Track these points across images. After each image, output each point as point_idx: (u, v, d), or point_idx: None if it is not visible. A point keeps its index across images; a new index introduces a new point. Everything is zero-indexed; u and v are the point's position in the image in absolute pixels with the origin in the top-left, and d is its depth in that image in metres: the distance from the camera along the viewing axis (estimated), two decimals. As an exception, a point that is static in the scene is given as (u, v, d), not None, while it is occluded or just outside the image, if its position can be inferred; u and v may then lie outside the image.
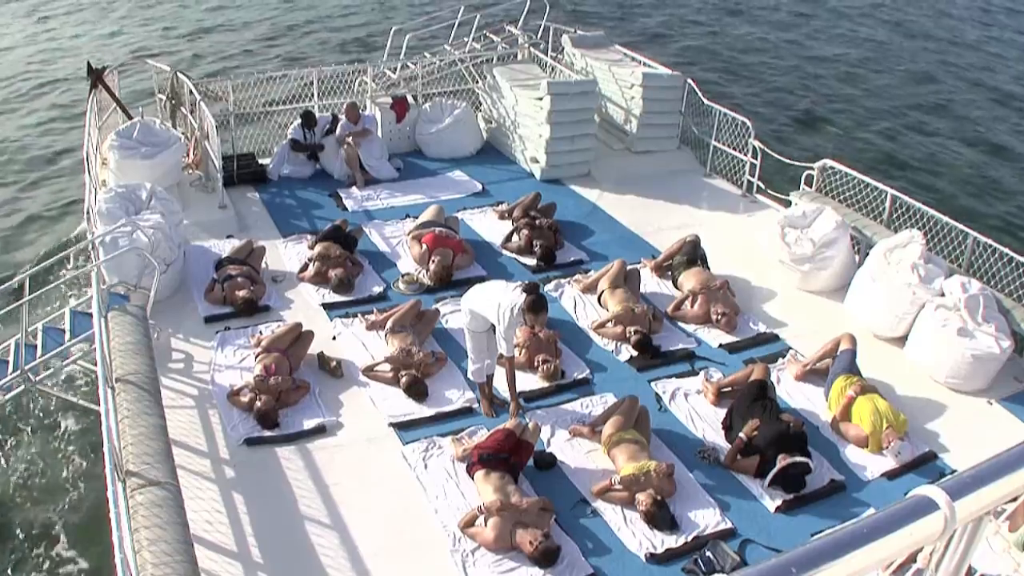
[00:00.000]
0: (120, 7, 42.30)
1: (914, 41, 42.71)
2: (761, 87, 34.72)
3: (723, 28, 43.34)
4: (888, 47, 41.55)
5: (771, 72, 36.73)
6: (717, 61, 37.65)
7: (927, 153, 29.20)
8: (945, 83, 36.55)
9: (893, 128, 31.10)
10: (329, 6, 43.65)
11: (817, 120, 31.72)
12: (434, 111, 19.25)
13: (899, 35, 43.82)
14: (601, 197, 17.53)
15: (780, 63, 38.06)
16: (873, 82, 35.80)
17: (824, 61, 38.42)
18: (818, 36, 42.53)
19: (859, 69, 37.50)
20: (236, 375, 11.63)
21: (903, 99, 34.11)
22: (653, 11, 45.72)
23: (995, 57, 41.11)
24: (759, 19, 45.46)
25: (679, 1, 47.56)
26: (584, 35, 21.10)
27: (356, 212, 16.47)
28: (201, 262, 14.10)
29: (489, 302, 10.70)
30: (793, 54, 39.47)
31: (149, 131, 16.24)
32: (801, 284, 14.67)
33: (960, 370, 12.29)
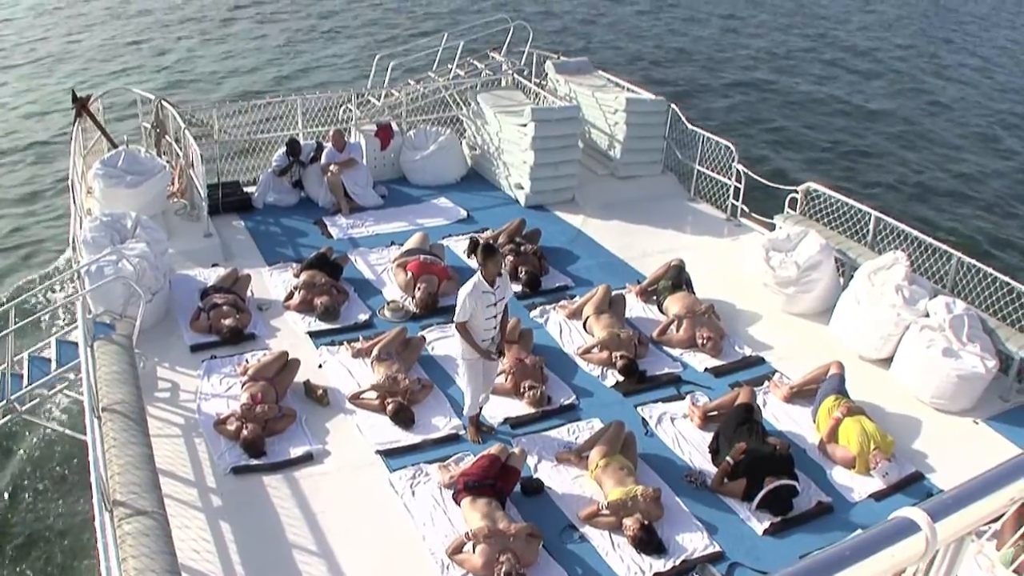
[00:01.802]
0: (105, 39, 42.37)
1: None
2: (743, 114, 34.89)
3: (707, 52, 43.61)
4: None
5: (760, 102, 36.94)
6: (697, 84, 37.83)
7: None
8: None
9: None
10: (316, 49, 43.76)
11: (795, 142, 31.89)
12: (418, 138, 19.30)
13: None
14: (585, 223, 17.58)
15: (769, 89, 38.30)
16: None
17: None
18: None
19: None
20: (222, 404, 11.60)
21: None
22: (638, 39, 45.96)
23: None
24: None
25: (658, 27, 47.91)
26: (567, 61, 21.21)
27: (341, 240, 16.47)
28: (186, 291, 14.08)
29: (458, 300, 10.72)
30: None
31: (134, 160, 16.24)
32: (786, 307, 14.73)
33: (946, 390, 12.35)
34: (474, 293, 10.49)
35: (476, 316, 10.58)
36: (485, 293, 10.53)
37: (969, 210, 27.09)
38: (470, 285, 10.53)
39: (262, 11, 48.77)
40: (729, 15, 53.58)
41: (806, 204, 16.28)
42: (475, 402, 11.26)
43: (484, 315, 10.62)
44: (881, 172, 29.82)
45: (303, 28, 45.28)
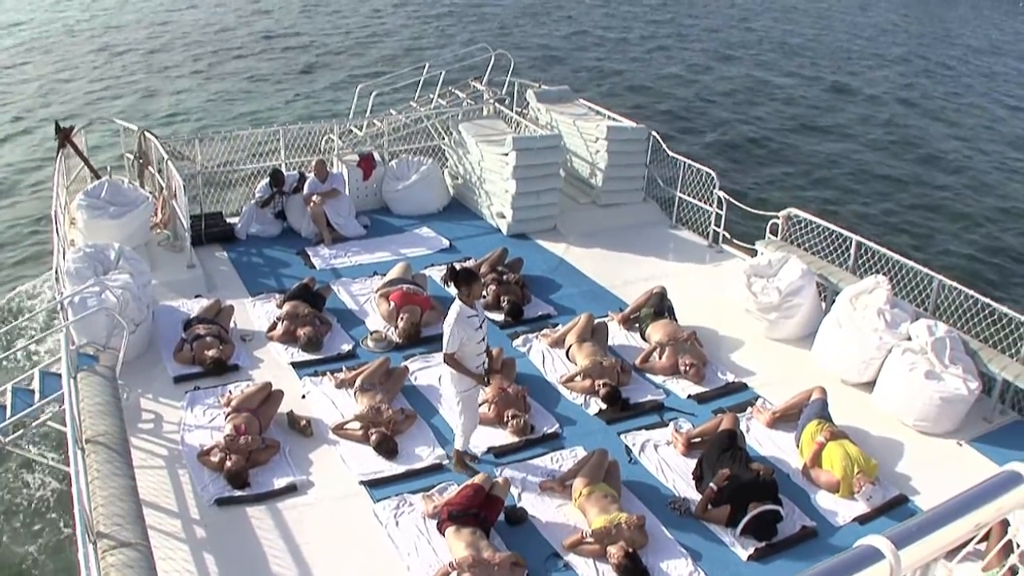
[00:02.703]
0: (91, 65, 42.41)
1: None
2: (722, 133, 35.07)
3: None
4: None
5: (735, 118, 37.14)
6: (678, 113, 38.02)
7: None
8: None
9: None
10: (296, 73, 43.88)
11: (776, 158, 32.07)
12: (400, 168, 19.35)
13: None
14: (568, 251, 17.63)
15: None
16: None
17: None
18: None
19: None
20: (206, 435, 11.57)
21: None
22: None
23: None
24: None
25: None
26: (548, 89, 21.29)
27: (324, 270, 16.48)
28: (170, 322, 14.08)
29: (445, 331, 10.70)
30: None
31: (117, 191, 16.27)
32: (768, 332, 14.78)
33: (929, 412, 12.41)
34: (460, 320, 10.48)
35: (465, 343, 10.56)
36: (470, 318, 10.56)
37: (951, 237, 27.27)
38: (453, 314, 10.52)
39: (244, 42, 48.91)
40: (710, 48, 54.00)
41: (788, 230, 16.37)
42: (469, 437, 11.28)
43: (473, 339, 10.62)
44: (862, 197, 30.01)
45: (286, 59, 45.37)
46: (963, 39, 65.63)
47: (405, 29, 55.16)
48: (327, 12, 59.69)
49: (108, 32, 50.91)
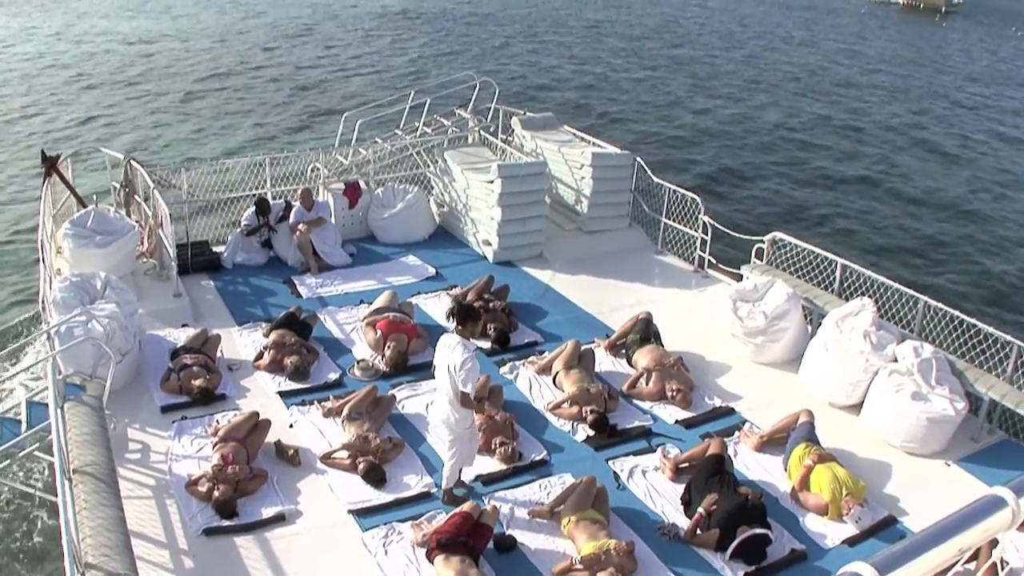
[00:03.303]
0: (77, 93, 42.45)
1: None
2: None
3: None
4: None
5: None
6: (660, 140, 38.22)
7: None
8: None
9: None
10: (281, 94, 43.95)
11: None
12: (386, 196, 19.37)
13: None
14: (554, 278, 17.67)
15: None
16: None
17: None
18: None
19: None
20: (194, 465, 11.54)
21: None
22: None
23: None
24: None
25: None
26: (533, 117, 21.37)
27: (310, 299, 16.47)
28: (156, 351, 14.04)
29: (441, 374, 10.70)
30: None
31: (103, 219, 16.26)
32: (755, 357, 14.83)
33: (916, 434, 12.47)
34: (473, 354, 10.53)
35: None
36: (474, 351, 10.64)
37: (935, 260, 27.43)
38: (466, 349, 10.50)
39: (231, 72, 49.01)
40: (696, 72, 54.30)
41: (773, 254, 16.44)
42: (456, 475, 11.24)
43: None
44: (847, 220, 30.19)
45: (271, 88, 45.47)
46: (957, 67, 66.22)
47: (390, 58, 55.33)
48: (313, 42, 59.88)
49: (91, 63, 50.94)
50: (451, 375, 10.45)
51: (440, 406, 10.95)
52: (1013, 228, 31.44)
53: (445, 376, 10.58)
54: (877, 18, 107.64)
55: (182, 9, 76.58)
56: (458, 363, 10.36)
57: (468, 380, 10.37)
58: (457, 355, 10.42)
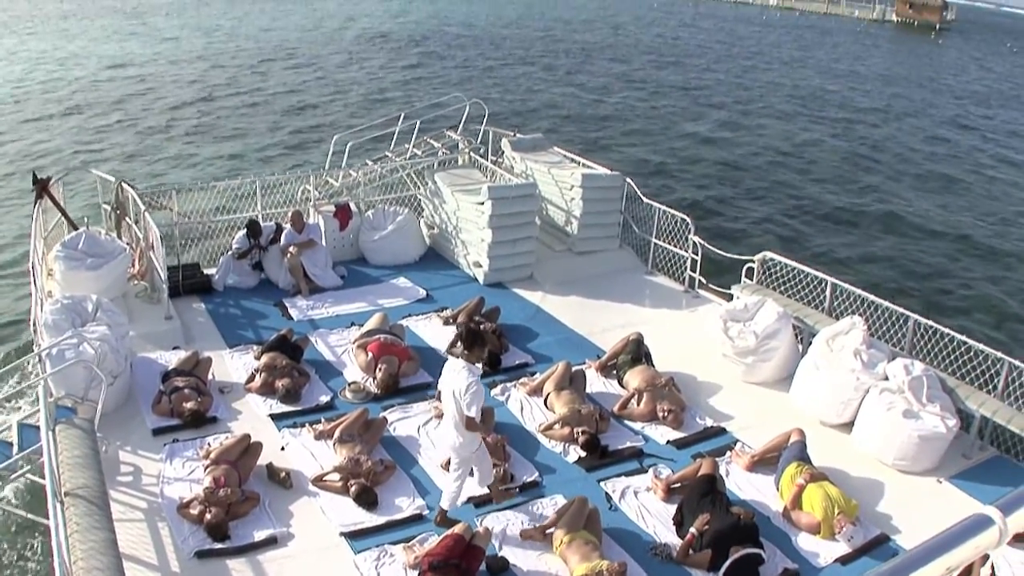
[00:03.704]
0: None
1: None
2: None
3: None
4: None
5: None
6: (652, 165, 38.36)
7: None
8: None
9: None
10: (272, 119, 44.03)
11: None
12: (377, 218, 19.40)
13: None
14: (544, 299, 17.70)
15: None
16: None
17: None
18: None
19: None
20: (185, 487, 11.51)
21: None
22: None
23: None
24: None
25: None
26: (523, 138, 21.44)
27: (301, 321, 16.47)
28: (148, 374, 14.01)
29: (447, 398, 10.68)
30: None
31: (94, 242, 16.25)
32: (746, 376, 14.86)
33: (908, 451, 12.50)
34: (478, 378, 10.53)
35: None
36: (479, 375, 10.70)
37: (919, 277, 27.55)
38: (471, 373, 10.49)
39: (221, 96, 49.10)
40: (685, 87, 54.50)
41: (763, 273, 16.48)
42: (458, 495, 11.21)
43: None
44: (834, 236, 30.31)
45: (262, 111, 45.56)
46: (957, 87, 66.65)
47: (380, 81, 55.47)
48: (302, 65, 60.04)
49: (81, 85, 50.99)
50: (456, 400, 10.42)
51: (447, 430, 10.89)
52: (1001, 243, 31.62)
53: (451, 400, 10.53)
54: (873, 36, 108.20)
55: (172, 33, 76.78)
56: (463, 388, 10.31)
57: (473, 404, 10.34)
58: (462, 379, 10.39)
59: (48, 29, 78.82)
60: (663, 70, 66.68)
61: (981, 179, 40.07)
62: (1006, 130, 52.66)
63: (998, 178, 40.56)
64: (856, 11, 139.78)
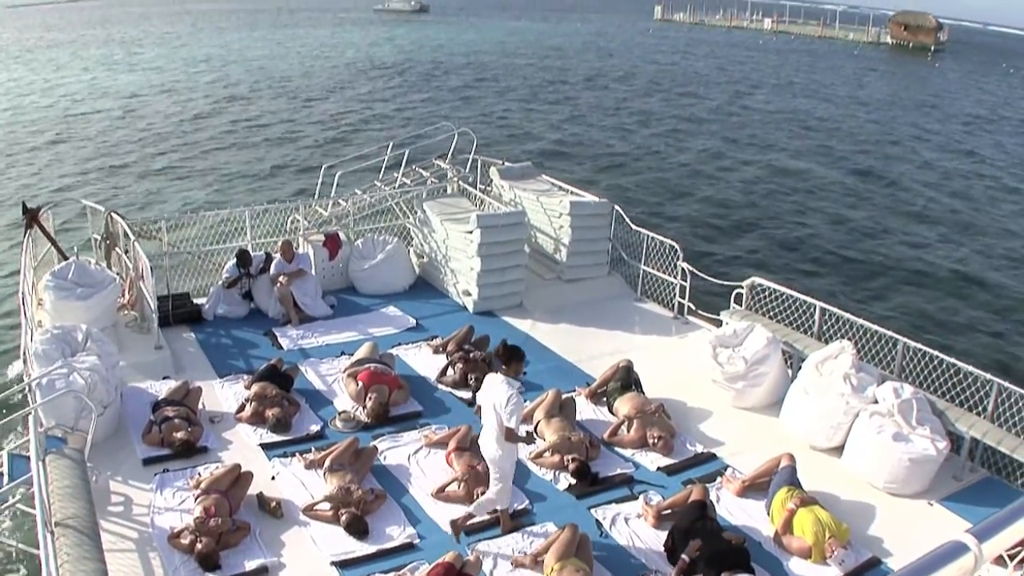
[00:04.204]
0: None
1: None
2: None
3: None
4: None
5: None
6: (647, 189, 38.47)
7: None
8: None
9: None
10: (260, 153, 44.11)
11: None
12: (366, 247, 19.44)
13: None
14: (534, 327, 17.73)
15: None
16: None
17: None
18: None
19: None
20: (176, 517, 11.48)
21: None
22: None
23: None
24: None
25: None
26: (511, 167, 21.51)
27: (291, 351, 16.47)
28: (138, 404, 13.99)
29: (487, 411, 10.98)
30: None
31: (84, 271, 16.28)
32: (736, 402, 14.88)
33: (898, 474, 12.52)
34: (517, 391, 10.84)
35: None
36: (519, 389, 10.96)
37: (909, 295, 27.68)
38: (510, 387, 10.84)
39: (211, 125, 49.18)
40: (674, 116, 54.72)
41: (752, 299, 16.53)
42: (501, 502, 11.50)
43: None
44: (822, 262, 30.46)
45: (250, 143, 45.64)
46: (958, 114, 67.08)
47: (369, 111, 55.63)
48: (292, 96, 60.22)
49: (72, 115, 51.04)
50: (496, 412, 10.74)
51: (487, 442, 11.08)
52: (984, 267, 31.78)
53: (490, 413, 10.85)
54: (870, 59, 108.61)
55: (161, 63, 76.93)
56: (503, 400, 10.70)
57: (513, 415, 10.70)
58: (502, 392, 10.76)
59: (37, 58, 78.99)
60: (651, 96, 66.97)
61: (990, 209, 40.28)
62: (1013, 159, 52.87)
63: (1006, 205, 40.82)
64: (851, 34, 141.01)
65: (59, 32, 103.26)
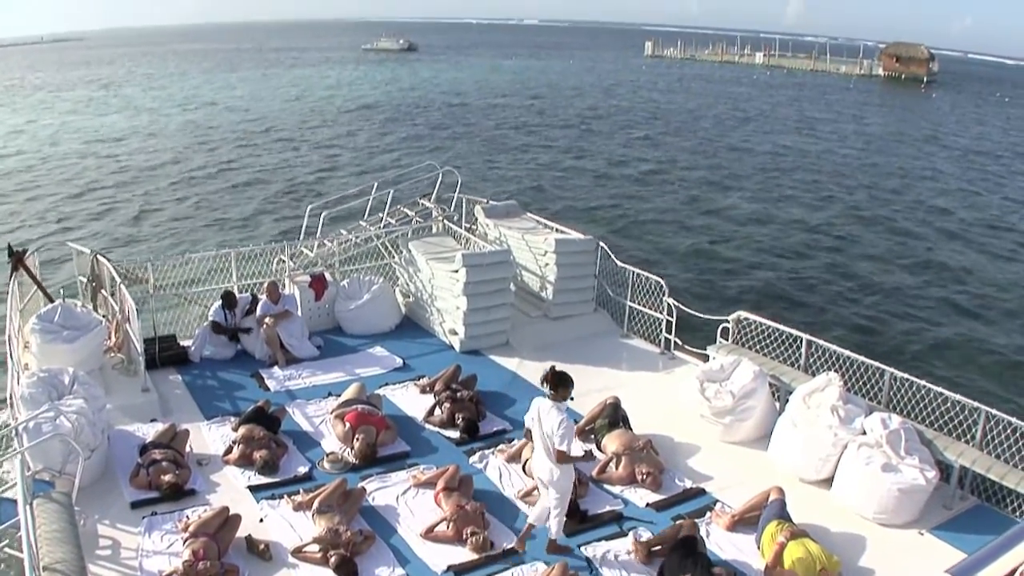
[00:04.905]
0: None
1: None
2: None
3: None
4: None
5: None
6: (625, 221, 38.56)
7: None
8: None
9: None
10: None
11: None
12: (352, 287, 19.47)
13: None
14: (521, 365, 17.74)
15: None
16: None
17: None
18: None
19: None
20: (164, 561, 11.40)
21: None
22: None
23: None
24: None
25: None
26: (496, 205, 21.58)
27: (278, 392, 16.45)
28: (125, 447, 13.92)
29: (538, 436, 11.41)
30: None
31: (70, 314, 16.27)
32: (724, 436, 14.90)
33: (888, 505, 12.53)
34: (567, 414, 11.14)
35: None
36: (568, 410, 11.20)
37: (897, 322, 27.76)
38: (560, 411, 11.14)
39: (195, 167, 49.24)
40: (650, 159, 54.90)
41: (738, 333, 16.57)
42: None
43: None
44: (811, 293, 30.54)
45: (234, 183, 45.69)
46: (959, 143, 67.43)
47: (353, 151, 55.77)
48: (275, 137, 60.32)
49: (57, 158, 51.05)
50: (548, 437, 11.13)
51: (542, 465, 11.53)
52: (965, 294, 31.96)
53: (542, 437, 11.26)
54: (865, 92, 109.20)
55: (145, 106, 76.99)
56: (555, 424, 11.03)
57: (565, 438, 11.02)
58: (553, 417, 11.11)
59: (17, 100, 79.00)
60: (652, 133, 67.28)
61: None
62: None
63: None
64: (842, 67, 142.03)
65: (42, 72, 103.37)
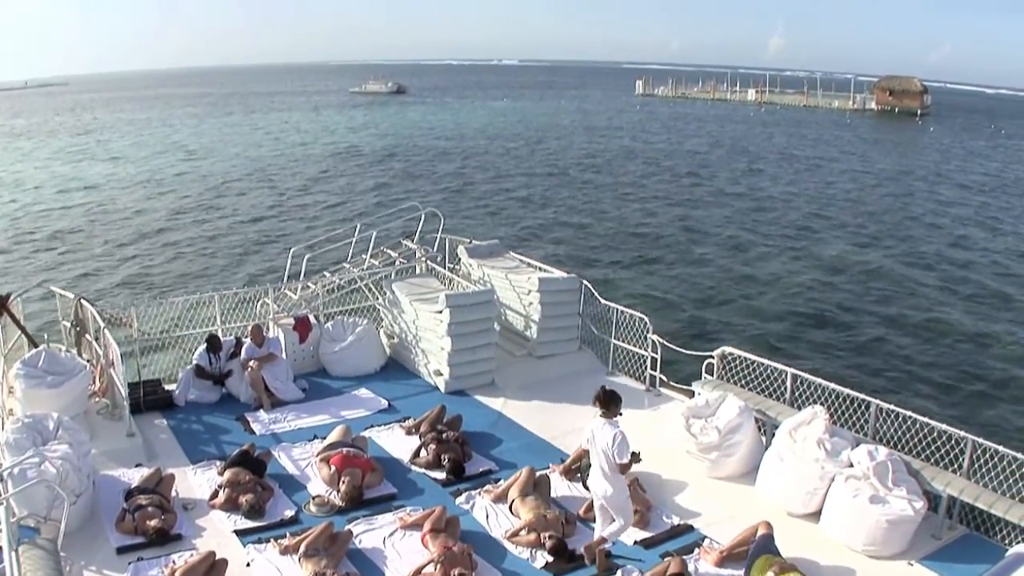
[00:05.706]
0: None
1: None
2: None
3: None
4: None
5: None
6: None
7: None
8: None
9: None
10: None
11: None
12: (336, 329, 19.48)
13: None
14: (506, 405, 17.73)
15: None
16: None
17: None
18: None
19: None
20: (151, 607, 11.39)
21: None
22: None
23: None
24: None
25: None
26: (479, 245, 21.65)
27: (264, 435, 16.40)
28: (111, 492, 13.84)
29: (595, 452, 12.05)
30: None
31: (55, 359, 16.25)
32: (711, 472, 14.90)
33: (876, 536, 12.53)
34: (620, 430, 11.78)
35: None
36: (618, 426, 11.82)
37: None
38: (615, 427, 11.83)
39: (178, 211, 49.29)
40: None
41: (723, 368, 16.61)
42: None
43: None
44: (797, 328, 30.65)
45: (219, 226, 45.73)
46: (973, 182, 67.84)
47: (336, 194, 55.88)
48: (258, 181, 60.45)
49: (39, 202, 51.01)
50: (604, 453, 11.75)
51: (598, 482, 12.09)
52: (954, 320, 32.13)
53: (599, 454, 11.85)
54: (860, 127, 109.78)
55: (125, 152, 77.02)
56: (610, 440, 11.73)
57: (622, 451, 11.68)
58: (607, 434, 11.78)
59: (2, 146, 78.95)
60: (650, 175, 67.49)
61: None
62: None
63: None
64: (835, 101, 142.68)
65: (28, 118, 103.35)
